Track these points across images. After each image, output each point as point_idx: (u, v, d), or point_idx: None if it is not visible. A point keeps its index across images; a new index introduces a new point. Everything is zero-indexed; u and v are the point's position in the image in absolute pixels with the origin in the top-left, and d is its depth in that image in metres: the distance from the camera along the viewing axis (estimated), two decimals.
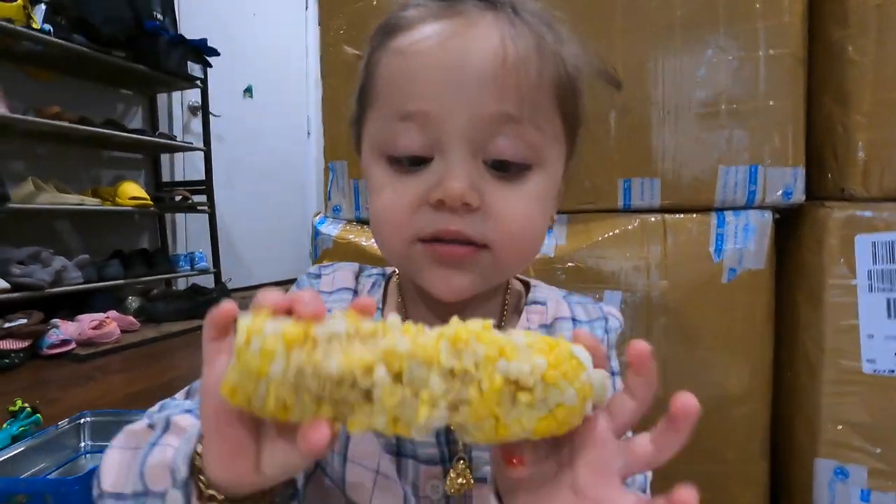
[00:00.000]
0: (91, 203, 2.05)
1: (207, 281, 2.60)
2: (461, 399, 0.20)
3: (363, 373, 0.19)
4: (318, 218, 0.87)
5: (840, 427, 0.62)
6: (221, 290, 2.37)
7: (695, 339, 0.67)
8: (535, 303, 0.41)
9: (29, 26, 1.78)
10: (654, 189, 0.68)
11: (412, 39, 0.32)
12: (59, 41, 1.85)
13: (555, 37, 0.34)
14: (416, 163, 0.33)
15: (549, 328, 0.40)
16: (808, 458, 0.64)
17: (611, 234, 0.69)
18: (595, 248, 0.69)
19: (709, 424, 0.66)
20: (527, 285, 0.44)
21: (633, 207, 0.70)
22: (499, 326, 0.39)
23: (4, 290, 1.66)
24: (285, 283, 3.39)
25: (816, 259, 0.63)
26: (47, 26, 1.86)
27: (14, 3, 1.75)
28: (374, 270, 0.44)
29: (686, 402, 0.22)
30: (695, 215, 0.67)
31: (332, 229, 0.83)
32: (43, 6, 1.89)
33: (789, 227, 0.68)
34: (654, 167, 0.68)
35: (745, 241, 0.64)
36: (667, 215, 0.68)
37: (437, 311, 0.38)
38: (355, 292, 0.42)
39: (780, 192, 0.64)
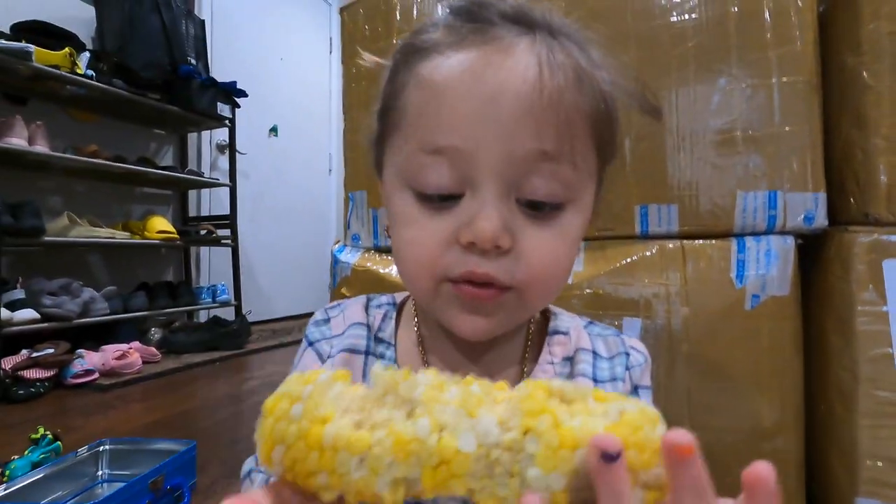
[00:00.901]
0: (121, 236, 2.13)
1: (228, 313, 2.64)
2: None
3: None
4: (336, 246, 0.88)
5: (880, 464, 0.59)
6: (241, 323, 2.40)
7: (720, 368, 0.65)
8: (557, 332, 0.39)
9: (73, 72, 1.91)
10: (671, 215, 0.68)
11: (443, 67, 0.30)
12: (101, 85, 1.97)
13: (591, 62, 0.32)
14: (446, 198, 0.31)
15: (571, 360, 0.38)
16: (848, 497, 0.61)
17: (629, 260, 0.69)
18: (613, 274, 0.69)
19: (737, 459, 0.63)
20: (546, 313, 0.42)
21: (650, 234, 0.70)
22: (522, 359, 0.37)
23: (34, 321, 1.71)
24: (303, 317, 3.41)
25: (844, 286, 0.62)
26: (90, 72, 1.98)
27: (61, 52, 1.88)
28: (383, 299, 0.43)
29: (759, 471, 0.19)
30: (714, 241, 0.66)
31: (350, 257, 0.84)
32: (87, 54, 2.03)
33: (814, 253, 0.67)
34: (671, 193, 0.68)
35: (768, 266, 0.63)
36: (685, 241, 0.67)
37: (459, 344, 0.36)
38: (368, 326, 0.40)
39: (802, 217, 0.63)
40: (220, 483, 0.97)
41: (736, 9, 0.65)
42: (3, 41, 1.71)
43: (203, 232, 2.55)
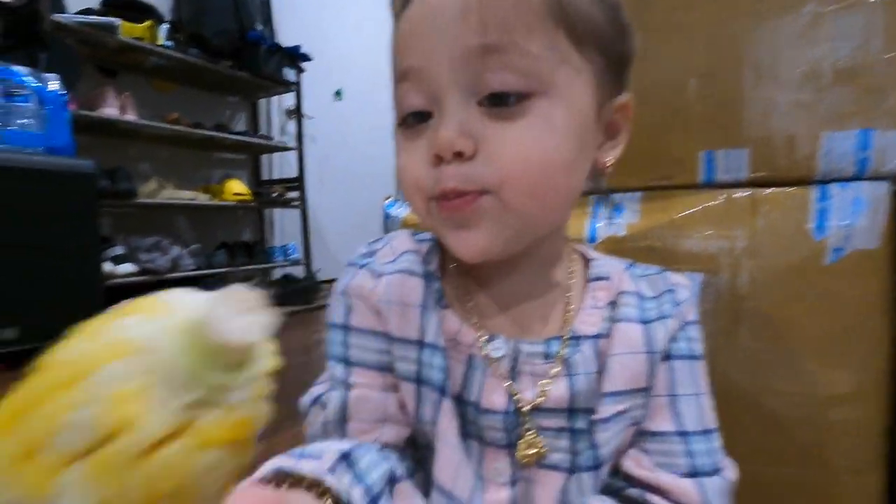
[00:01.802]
0: (202, 199, 2.30)
1: (298, 271, 2.80)
2: None
3: None
4: (388, 201, 0.89)
5: None
6: (310, 280, 2.54)
7: (789, 327, 0.59)
8: (599, 278, 0.38)
9: (155, 43, 2.04)
10: (741, 161, 0.62)
11: (406, 8, 0.33)
12: (179, 55, 2.09)
13: None
14: (421, 119, 0.32)
15: (614, 305, 0.36)
16: None
17: (691, 211, 0.64)
18: (673, 226, 0.64)
19: (807, 426, 0.59)
20: (585, 259, 0.40)
21: (716, 182, 0.64)
22: (566, 302, 0.36)
23: (133, 274, 1.91)
24: None
25: None
26: (169, 42, 2.11)
27: (144, 24, 2.01)
28: (427, 234, 0.42)
29: None
30: (791, 189, 0.59)
31: (400, 212, 0.86)
32: (166, 25, 2.15)
33: None
34: (742, 136, 0.62)
35: (855, 216, 0.56)
36: (756, 190, 0.61)
37: (502, 282, 0.36)
38: (419, 254, 0.38)
39: None
40: (290, 420, 1.05)
41: None
42: (94, 16, 1.85)
43: (275, 194, 2.69)
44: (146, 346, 0.18)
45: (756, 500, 0.44)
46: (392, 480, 0.30)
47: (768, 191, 0.60)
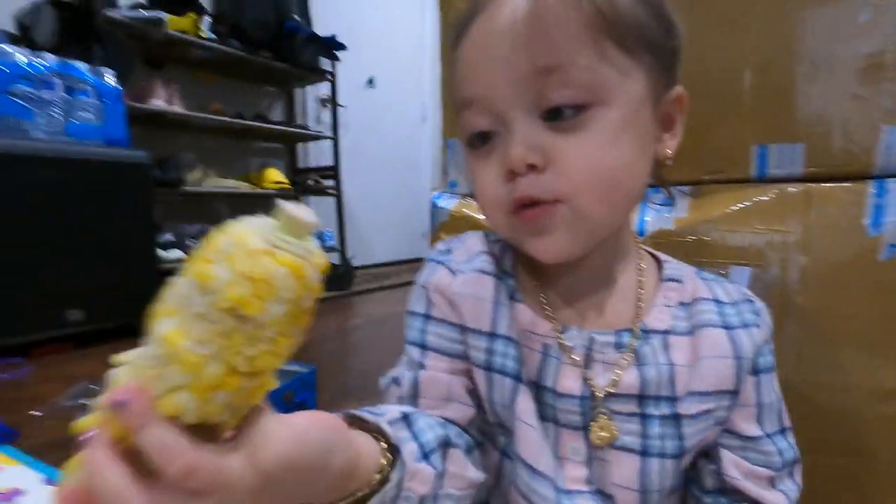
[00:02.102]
0: (243, 187, 2.38)
1: (333, 258, 2.87)
2: None
3: None
4: (435, 193, 0.92)
5: None
6: (346, 266, 2.60)
7: (840, 322, 0.60)
8: (671, 280, 0.41)
9: (198, 35, 2.10)
10: (795, 155, 0.62)
11: (463, 39, 0.36)
12: (221, 47, 2.15)
13: None
14: (488, 140, 0.35)
15: (689, 306, 0.39)
16: None
17: (741, 205, 0.64)
18: (722, 221, 0.65)
19: (856, 419, 0.60)
20: (658, 260, 0.43)
21: (769, 177, 0.64)
22: (636, 298, 0.39)
23: (181, 259, 2.01)
24: (400, 264, 3.60)
25: None
26: (211, 34, 2.17)
27: (187, 17, 2.07)
28: (495, 235, 0.45)
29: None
30: (847, 184, 0.59)
31: (448, 203, 0.88)
32: (208, 18, 2.21)
33: None
34: (797, 131, 0.62)
35: None
36: (811, 184, 0.61)
37: (573, 280, 0.39)
38: (492, 254, 0.42)
39: None
40: (338, 401, 1.11)
41: None
42: (142, 11, 1.92)
43: (311, 182, 2.76)
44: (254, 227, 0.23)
45: (807, 491, 0.46)
46: (446, 444, 0.34)
47: (823, 186, 0.60)
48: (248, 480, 0.20)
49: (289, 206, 0.22)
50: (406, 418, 0.33)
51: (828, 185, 0.60)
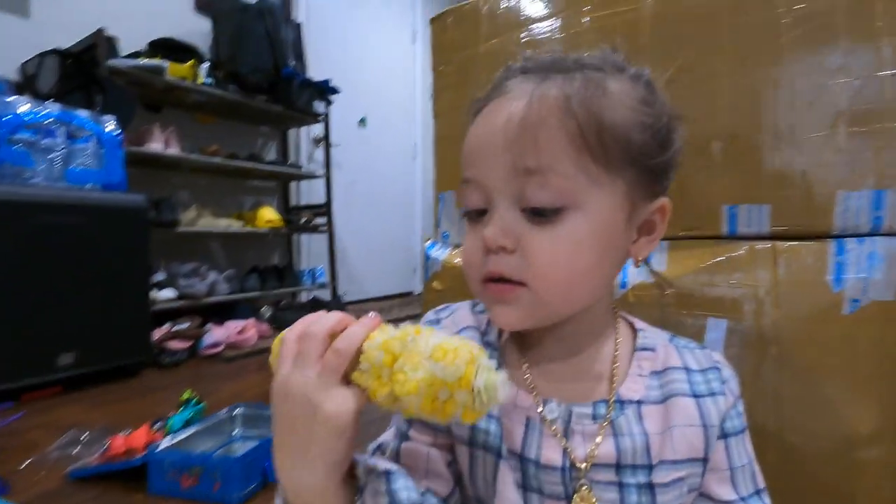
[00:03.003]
0: (236, 225, 2.41)
1: (325, 294, 2.88)
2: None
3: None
4: (428, 243, 0.96)
5: None
6: (337, 303, 2.62)
7: (812, 371, 0.64)
8: (645, 349, 0.43)
9: (196, 81, 2.17)
10: (762, 215, 0.67)
11: (478, 121, 0.40)
12: (219, 91, 2.22)
13: (592, 87, 0.37)
14: (481, 214, 0.39)
15: (660, 374, 0.41)
16: None
17: (716, 260, 0.69)
18: (698, 274, 0.69)
19: (832, 466, 0.63)
20: (633, 329, 0.45)
21: (739, 234, 0.69)
22: (611, 370, 0.41)
23: (173, 299, 2.01)
24: (391, 298, 3.61)
25: None
26: (209, 80, 2.24)
27: (187, 64, 2.14)
28: (483, 307, 0.48)
29: None
30: (810, 242, 0.64)
31: (440, 254, 0.92)
32: (206, 64, 2.29)
33: None
34: (763, 193, 0.67)
35: (871, 270, 0.60)
36: (777, 242, 0.66)
37: (553, 352, 0.42)
38: (477, 329, 0.45)
39: None
40: None
41: None
42: (144, 60, 1.99)
43: (303, 220, 2.79)
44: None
45: None
46: None
47: (788, 244, 0.65)
48: (356, 401, 0.32)
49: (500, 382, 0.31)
50: (388, 474, 0.35)
51: (793, 242, 0.65)
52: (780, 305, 0.65)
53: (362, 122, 3.52)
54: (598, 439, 0.38)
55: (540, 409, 0.40)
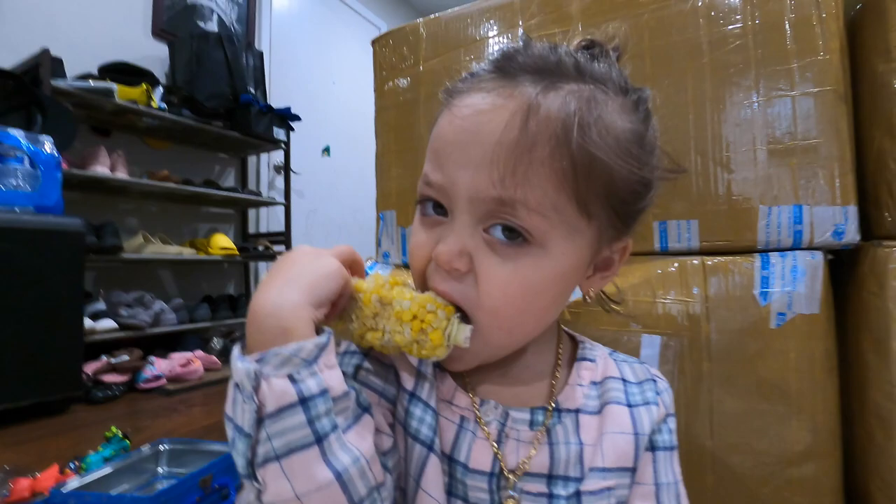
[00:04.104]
0: (188, 253, 2.31)
1: None
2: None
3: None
4: (369, 263, 0.93)
5: None
6: None
7: (745, 387, 0.63)
8: (585, 359, 0.42)
9: (149, 105, 2.12)
10: (691, 231, 0.67)
11: (452, 111, 0.35)
12: (172, 116, 2.17)
13: (593, 116, 0.32)
14: (438, 217, 0.35)
15: (599, 385, 0.40)
16: None
17: (649, 276, 0.68)
18: (632, 290, 0.69)
19: (769, 485, 0.61)
20: (574, 341, 0.44)
21: (670, 250, 0.69)
22: (552, 378, 0.40)
23: (112, 330, 1.89)
24: None
25: (880, 303, 0.59)
26: (163, 104, 2.19)
27: (139, 88, 2.09)
28: None
29: None
30: (737, 257, 0.65)
31: (382, 272, 0.89)
32: (160, 88, 2.25)
33: (847, 268, 0.64)
34: (690, 209, 0.68)
35: (794, 283, 0.61)
36: (706, 257, 0.66)
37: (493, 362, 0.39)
38: None
39: (830, 232, 0.61)
40: None
41: (755, 22, 0.64)
42: (91, 82, 1.93)
43: (261, 248, 2.72)
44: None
45: None
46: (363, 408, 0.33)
47: (717, 259, 0.65)
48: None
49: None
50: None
51: (720, 258, 0.65)
52: (712, 320, 0.64)
53: (326, 150, 3.50)
54: (533, 448, 0.36)
55: (476, 409, 0.37)
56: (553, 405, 0.38)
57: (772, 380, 0.62)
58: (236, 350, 0.29)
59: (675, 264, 0.67)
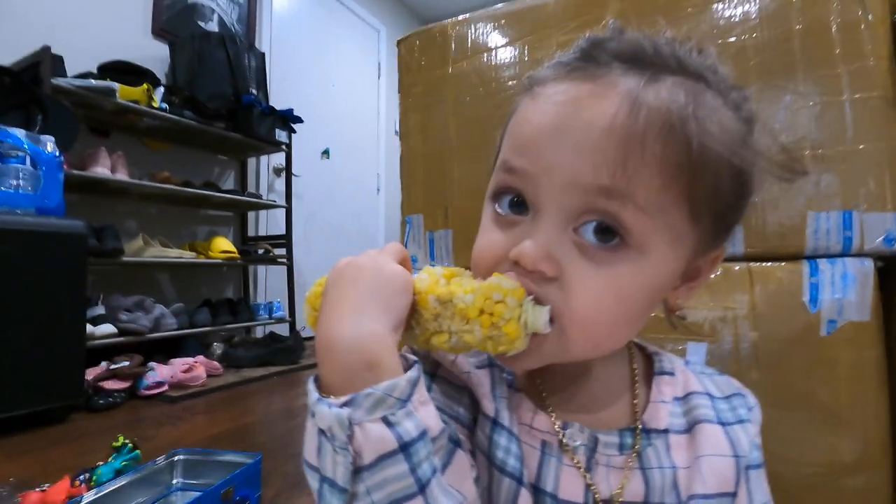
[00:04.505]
0: (188, 256, 2.27)
1: (283, 329, 2.74)
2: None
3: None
4: None
5: None
6: (296, 338, 2.48)
7: (794, 397, 0.62)
8: (664, 373, 0.38)
9: (150, 105, 2.08)
10: (736, 236, 0.66)
11: (538, 98, 0.32)
12: (173, 116, 2.13)
13: (703, 111, 0.29)
14: (516, 215, 0.32)
15: (682, 401, 0.37)
16: None
17: None
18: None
19: (818, 496, 0.60)
20: (646, 352, 0.40)
21: None
22: (632, 395, 0.37)
23: (111, 335, 1.84)
24: None
25: None
26: (164, 104, 2.16)
27: (140, 88, 2.05)
28: None
29: None
30: (783, 263, 0.64)
31: (432, 267, 0.87)
32: (161, 88, 2.21)
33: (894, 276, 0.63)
34: None
35: (845, 290, 0.60)
36: (752, 263, 0.65)
37: (567, 376, 0.36)
38: None
39: (881, 238, 0.60)
40: (284, 495, 1.00)
41: (799, 26, 0.64)
42: (92, 80, 1.89)
43: (261, 251, 2.68)
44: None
45: None
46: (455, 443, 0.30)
47: (764, 265, 0.64)
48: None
49: None
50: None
51: (767, 264, 0.64)
52: (759, 328, 0.63)
53: (325, 153, 3.47)
54: (625, 475, 0.33)
55: (560, 435, 0.34)
56: (640, 426, 0.35)
57: (821, 389, 0.61)
58: (314, 391, 0.26)
59: (720, 270, 0.66)
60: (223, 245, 2.41)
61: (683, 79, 0.30)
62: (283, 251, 2.75)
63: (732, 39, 0.67)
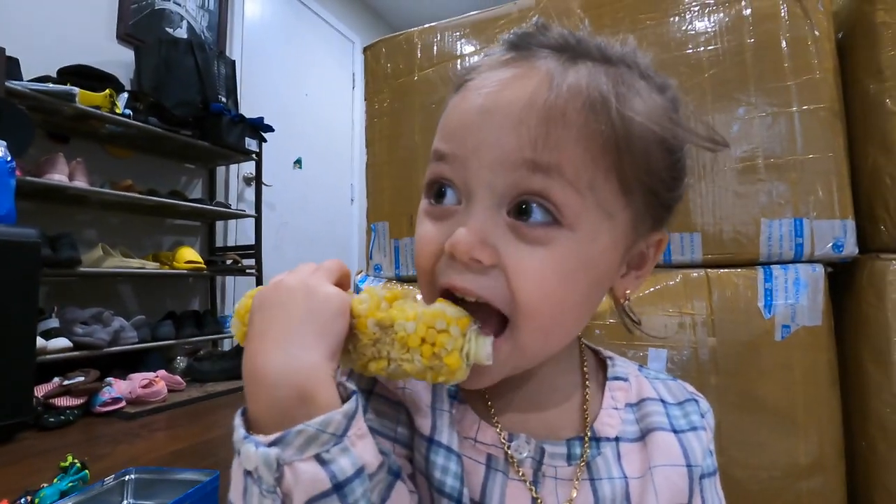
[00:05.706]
0: (151, 267, 2.20)
1: None
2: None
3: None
4: (360, 276, 0.89)
5: None
6: None
7: (751, 401, 0.63)
8: (617, 378, 0.37)
9: (112, 111, 2.02)
10: (694, 243, 0.68)
11: (467, 87, 0.32)
12: (137, 123, 2.07)
13: (624, 88, 0.29)
14: (449, 202, 0.31)
15: (635, 407, 0.36)
16: None
17: (652, 289, 0.68)
18: (636, 304, 0.68)
19: (777, 499, 0.61)
20: (599, 356, 0.39)
21: (673, 263, 0.69)
22: (582, 401, 0.35)
23: (66, 349, 1.76)
24: None
25: (879, 315, 0.60)
26: (128, 111, 2.09)
27: (102, 93, 1.99)
28: None
29: None
30: (740, 270, 0.65)
31: (374, 287, 0.85)
32: (125, 94, 2.15)
33: (846, 281, 0.65)
34: (693, 222, 0.68)
35: (797, 296, 0.62)
36: (710, 270, 0.66)
37: (516, 382, 0.34)
38: None
39: (830, 244, 0.62)
40: None
41: (752, 40, 0.66)
42: (50, 84, 1.82)
43: (229, 262, 2.61)
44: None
45: None
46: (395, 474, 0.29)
47: (721, 271, 0.66)
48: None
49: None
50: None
51: (724, 270, 0.66)
52: (717, 333, 0.64)
53: (298, 163, 3.43)
54: (574, 487, 0.32)
55: (505, 447, 0.33)
56: (589, 433, 0.34)
57: (777, 393, 0.62)
58: (240, 427, 0.24)
59: (679, 276, 0.67)
60: (188, 255, 2.34)
61: (606, 64, 0.31)
62: (252, 262, 2.69)
63: (689, 51, 0.69)
